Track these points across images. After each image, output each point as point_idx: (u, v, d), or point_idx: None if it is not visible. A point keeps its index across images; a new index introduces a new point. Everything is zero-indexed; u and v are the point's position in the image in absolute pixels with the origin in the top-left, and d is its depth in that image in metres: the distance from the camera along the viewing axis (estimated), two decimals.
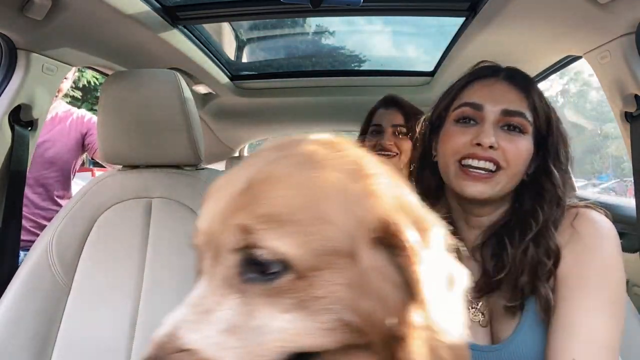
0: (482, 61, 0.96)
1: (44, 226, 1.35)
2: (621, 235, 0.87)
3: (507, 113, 0.84)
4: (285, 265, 0.42)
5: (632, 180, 1.32)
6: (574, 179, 0.91)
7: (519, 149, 0.83)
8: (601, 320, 0.74)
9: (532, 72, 1.71)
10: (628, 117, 1.33)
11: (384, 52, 2.51)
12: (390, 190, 0.47)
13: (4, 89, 1.34)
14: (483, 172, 0.82)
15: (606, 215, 0.84)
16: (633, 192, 1.32)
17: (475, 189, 0.82)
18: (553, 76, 1.90)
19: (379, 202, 0.45)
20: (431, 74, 2.22)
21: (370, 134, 1.72)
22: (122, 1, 1.27)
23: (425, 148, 0.97)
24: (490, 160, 0.82)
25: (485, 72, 0.91)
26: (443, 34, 1.86)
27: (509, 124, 0.84)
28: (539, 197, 0.85)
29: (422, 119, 1.01)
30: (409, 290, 0.44)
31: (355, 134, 1.96)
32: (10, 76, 1.34)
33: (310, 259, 0.42)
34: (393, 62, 2.54)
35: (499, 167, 0.82)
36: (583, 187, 8.05)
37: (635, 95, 1.28)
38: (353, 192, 0.45)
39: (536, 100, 0.86)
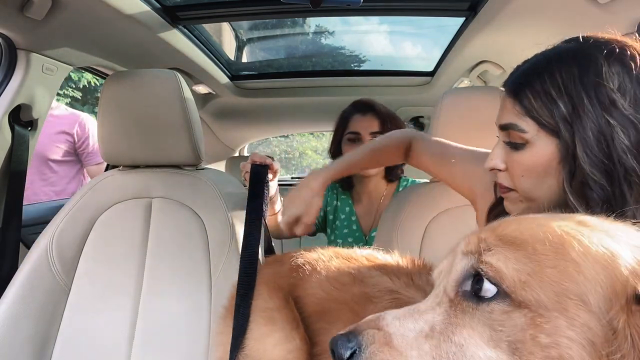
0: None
1: None
2: None
3: (502, 128, 0.76)
4: (500, 291, 0.41)
5: None
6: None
7: (519, 165, 0.75)
8: None
9: None
10: None
11: (383, 52, 2.51)
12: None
13: (4, 89, 1.34)
14: (504, 189, 0.80)
15: None
16: None
17: (509, 208, 0.81)
18: None
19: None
20: (431, 74, 2.22)
21: (348, 141, 1.69)
22: (122, 1, 1.27)
23: None
24: (499, 185, 0.80)
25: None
26: (443, 34, 1.86)
27: (509, 141, 0.76)
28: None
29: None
30: None
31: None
32: (10, 76, 1.34)
33: (537, 293, 0.39)
34: (393, 62, 2.54)
35: (509, 188, 0.79)
36: None
37: None
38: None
39: (527, 101, 0.71)
